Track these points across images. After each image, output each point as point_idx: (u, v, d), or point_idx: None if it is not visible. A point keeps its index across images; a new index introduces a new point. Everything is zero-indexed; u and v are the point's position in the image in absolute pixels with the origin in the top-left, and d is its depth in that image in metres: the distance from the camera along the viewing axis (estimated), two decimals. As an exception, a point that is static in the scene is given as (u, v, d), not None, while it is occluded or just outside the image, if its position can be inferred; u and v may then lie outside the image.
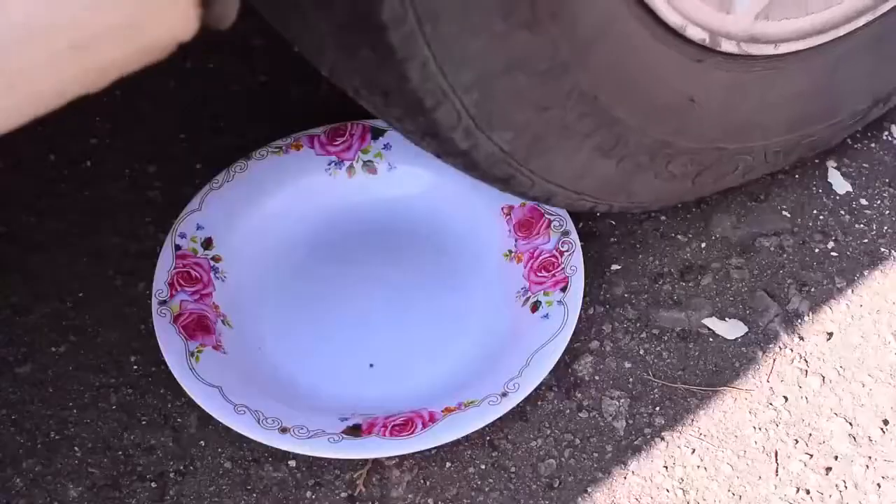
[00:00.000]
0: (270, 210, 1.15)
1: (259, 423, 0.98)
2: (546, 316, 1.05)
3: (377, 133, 1.19)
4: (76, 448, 1.03)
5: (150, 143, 1.26)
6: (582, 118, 0.93)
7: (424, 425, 0.98)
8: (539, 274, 1.08)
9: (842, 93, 1.10)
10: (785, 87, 1.04)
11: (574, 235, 1.10)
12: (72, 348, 1.09)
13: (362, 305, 1.11)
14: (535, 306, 1.06)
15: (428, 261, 1.14)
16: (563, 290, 1.06)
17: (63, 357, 1.09)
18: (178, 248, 1.11)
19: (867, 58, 1.08)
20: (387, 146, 1.18)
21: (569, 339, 1.03)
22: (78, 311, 1.12)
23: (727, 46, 0.97)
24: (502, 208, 1.13)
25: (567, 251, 1.09)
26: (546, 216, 1.11)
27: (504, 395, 0.99)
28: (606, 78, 0.92)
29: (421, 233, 1.16)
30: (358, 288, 1.12)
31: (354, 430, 0.98)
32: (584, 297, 1.11)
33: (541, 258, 1.09)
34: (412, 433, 0.97)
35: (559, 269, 1.08)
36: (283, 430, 0.97)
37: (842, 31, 1.04)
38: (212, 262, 1.11)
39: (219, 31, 0.73)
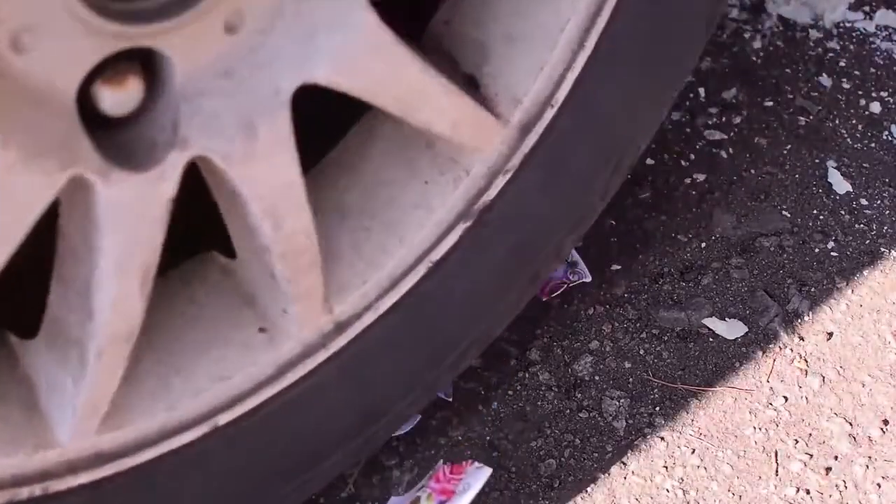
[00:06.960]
0: None
1: None
2: None
3: None
4: (77, 448, 1.03)
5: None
6: None
7: None
8: (437, 480, 1.01)
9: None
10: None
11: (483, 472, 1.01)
12: (72, 349, 1.09)
13: None
14: (415, 501, 1.00)
15: None
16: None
17: (64, 357, 1.09)
18: None
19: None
20: None
21: None
22: (78, 311, 1.11)
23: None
24: None
25: (475, 467, 1.01)
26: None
27: None
28: None
29: None
30: None
31: None
32: (583, 297, 1.11)
33: None
34: None
35: (458, 480, 1.00)
36: None
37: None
38: None
39: None
